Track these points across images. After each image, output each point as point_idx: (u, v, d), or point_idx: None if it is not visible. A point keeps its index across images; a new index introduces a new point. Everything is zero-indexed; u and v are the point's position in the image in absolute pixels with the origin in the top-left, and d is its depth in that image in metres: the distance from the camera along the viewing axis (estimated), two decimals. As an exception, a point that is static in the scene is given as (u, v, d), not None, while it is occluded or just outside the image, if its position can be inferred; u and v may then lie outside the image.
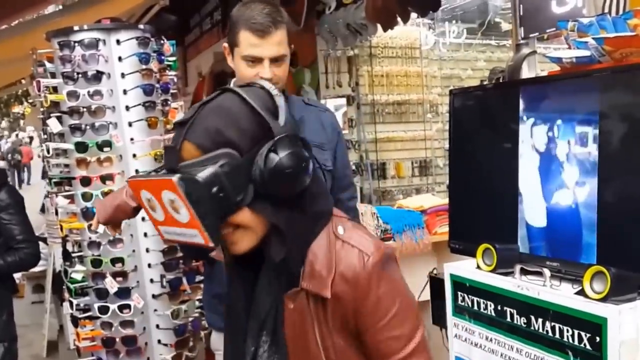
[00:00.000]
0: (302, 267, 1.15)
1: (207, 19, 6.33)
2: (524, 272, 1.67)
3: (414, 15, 4.38)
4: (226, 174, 1.03)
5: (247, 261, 1.18)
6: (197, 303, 2.85)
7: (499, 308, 1.70)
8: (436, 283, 2.32)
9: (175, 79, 2.93)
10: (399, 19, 4.22)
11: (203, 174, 1.01)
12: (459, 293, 1.84)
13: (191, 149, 1.07)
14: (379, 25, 4.44)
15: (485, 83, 4.25)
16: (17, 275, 5.18)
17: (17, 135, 23.72)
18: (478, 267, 1.78)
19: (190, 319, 2.82)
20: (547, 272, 1.60)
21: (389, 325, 1.16)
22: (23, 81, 8.18)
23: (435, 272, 2.39)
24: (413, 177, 5.82)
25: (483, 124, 1.98)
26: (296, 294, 1.15)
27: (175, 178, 0.99)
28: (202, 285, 2.81)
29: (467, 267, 1.83)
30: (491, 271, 1.74)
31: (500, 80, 3.30)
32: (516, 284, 1.65)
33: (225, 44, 1.98)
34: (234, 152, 1.05)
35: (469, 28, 6.48)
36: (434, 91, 6.04)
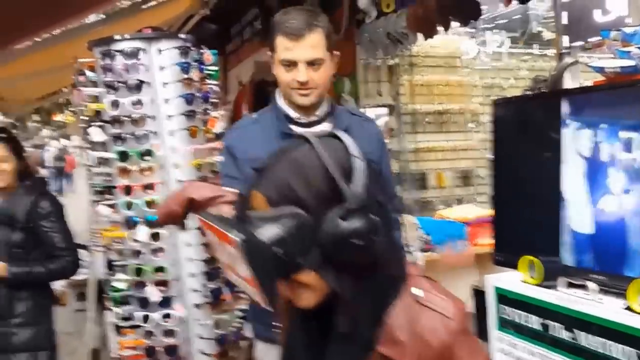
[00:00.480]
0: (379, 331, 1.09)
1: (248, 28, 6.37)
2: (569, 284, 1.62)
3: (455, 24, 4.33)
4: (291, 235, 0.97)
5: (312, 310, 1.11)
6: (238, 313, 2.85)
7: (544, 322, 1.66)
8: (480, 296, 2.27)
9: (216, 88, 2.94)
10: (440, 27, 4.18)
11: (268, 235, 0.96)
12: (503, 306, 1.80)
13: (260, 199, 1.03)
14: (419, 34, 4.40)
15: (528, 92, 4.16)
16: (61, 283, 5.29)
17: (59, 141, 24.32)
18: (522, 279, 1.74)
19: (232, 329, 2.81)
20: (592, 285, 1.55)
21: None
22: (64, 90, 8.33)
23: (477, 284, 2.34)
24: (455, 188, 5.74)
25: (526, 133, 1.94)
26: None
27: (239, 239, 0.95)
28: (242, 295, 2.81)
29: (511, 280, 1.79)
30: (536, 284, 1.69)
31: (543, 90, 3.24)
32: (561, 297, 1.61)
33: (269, 52, 1.98)
34: (302, 212, 1.00)
35: (511, 37, 6.41)
36: (475, 100, 5.96)
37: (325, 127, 1.99)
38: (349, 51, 4.99)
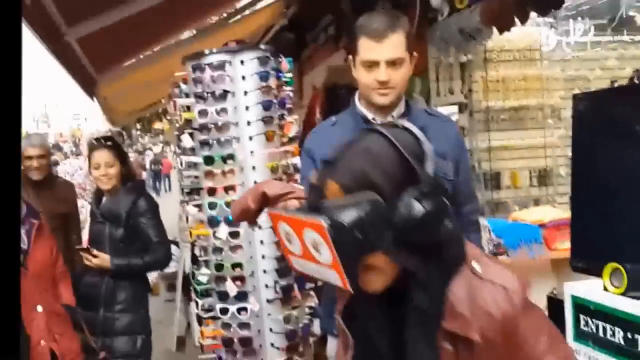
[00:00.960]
0: (443, 308, 1.12)
1: (322, 35, 6.43)
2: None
3: (533, 14, 4.20)
4: (369, 218, 1.02)
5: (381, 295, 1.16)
6: (307, 310, 2.95)
7: (629, 335, 1.56)
8: (556, 305, 2.10)
9: (292, 94, 3.05)
10: (516, 20, 4.06)
11: (349, 219, 1.00)
12: (582, 317, 1.71)
13: (335, 189, 1.08)
14: (494, 28, 4.30)
15: (616, 85, 3.90)
16: (154, 275, 5.63)
17: (157, 146, 26.26)
18: (605, 288, 1.65)
19: (301, 325, 2.92)
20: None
21: (548, 352, 1.13)
22: (163, 101, 8.95)
23: (554, 292, 2.22)
24: (531, 188, 5.53)
25: (610, 129, 1.85)
26: (440, 337, 1.13)
27: (325, 224, 0.99)
28: (311, 293, 2.90)
29: (591, 288, 1.70)
30: (620, 294, 1.61)
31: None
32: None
33: (350, 57, 2.04)
34: (377, 196, 1.04)
35: (597, 24, 6.04)
36: (555, 95, 5.73)
37: None
38: (419, 50, 4.94)
